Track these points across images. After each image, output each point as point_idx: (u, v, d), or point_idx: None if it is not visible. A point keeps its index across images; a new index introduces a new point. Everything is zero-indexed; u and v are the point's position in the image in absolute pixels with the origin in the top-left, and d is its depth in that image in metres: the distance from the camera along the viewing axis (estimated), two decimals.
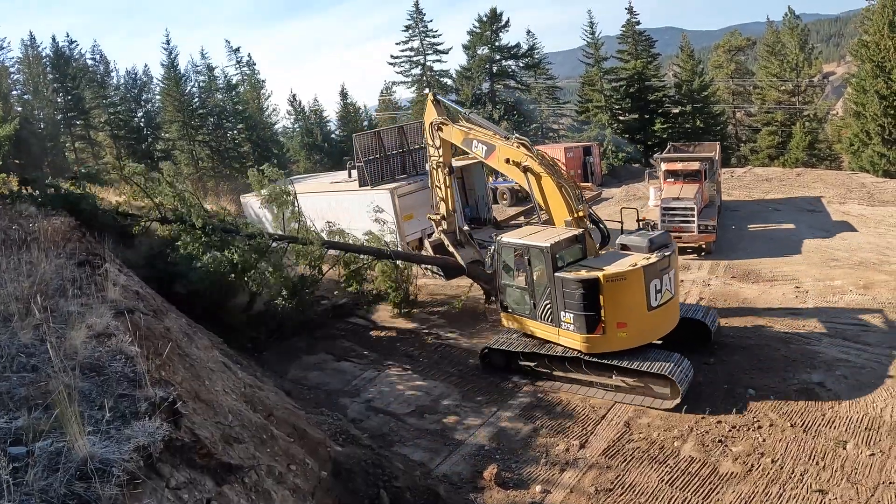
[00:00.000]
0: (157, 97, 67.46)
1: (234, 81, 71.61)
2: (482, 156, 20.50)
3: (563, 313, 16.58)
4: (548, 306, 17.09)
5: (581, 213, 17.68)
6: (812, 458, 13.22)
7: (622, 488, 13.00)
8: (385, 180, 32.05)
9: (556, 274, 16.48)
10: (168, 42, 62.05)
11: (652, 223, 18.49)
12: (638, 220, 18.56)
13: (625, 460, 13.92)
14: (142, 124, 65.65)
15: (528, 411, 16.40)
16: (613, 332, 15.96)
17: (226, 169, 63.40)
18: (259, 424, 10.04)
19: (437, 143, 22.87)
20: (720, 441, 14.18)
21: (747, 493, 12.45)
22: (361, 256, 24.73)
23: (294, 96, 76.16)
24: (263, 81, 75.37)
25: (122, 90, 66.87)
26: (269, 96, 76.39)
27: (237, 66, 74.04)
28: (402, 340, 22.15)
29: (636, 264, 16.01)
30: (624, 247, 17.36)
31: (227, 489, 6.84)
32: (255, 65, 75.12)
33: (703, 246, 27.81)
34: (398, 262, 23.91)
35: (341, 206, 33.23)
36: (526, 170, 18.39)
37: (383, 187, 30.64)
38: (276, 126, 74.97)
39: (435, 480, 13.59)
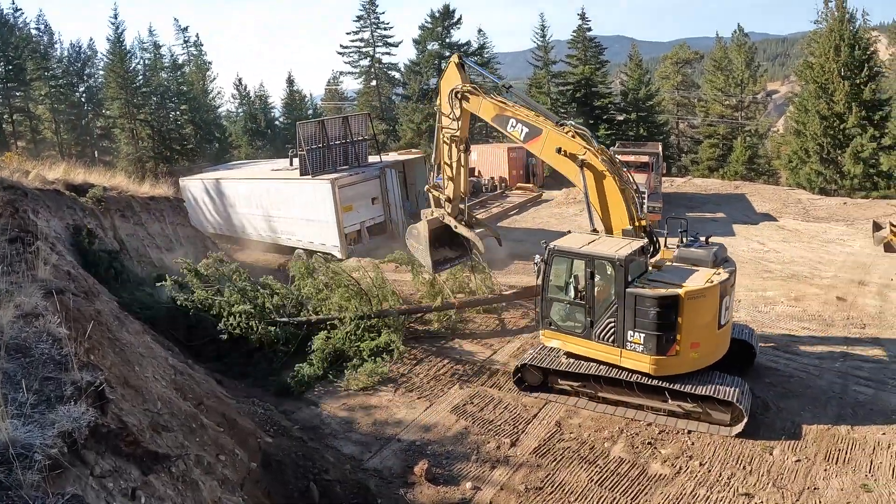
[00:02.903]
0: (101, 72, 65.88)
1: (180, 61, 70.55)
2: (520, 138, 17.97)
3: (630, 333, 14.82)
4: (611, 325, 15.20)
5: (644, 222, 15.96)
6: (739, 462, 13.51)
7: (552, 487, 13.11)
8: (326, 170, 31.89)
9: (627, 289, 14.67)
10: (116, 16, 60.69)
11: (696, 233, 16.47)
12: (682, 232, 16.72)
13: (555, 459, 14.04)
14: (83, 99, 64.09)
15: (460, 408, 16.42)
16: (686, 352, 14.52)
17: (166, 150, 62.29)
18: (189, 413, 9.89)
19: (458, 113, 19.51)
20: (650, 443, 14.40)
21: (675, 494, 12.67)
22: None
23: (240, 80, 75.42)
24: (210, 63, 74.53)
25: (65, 63, 65.12)
26: (214, 78, 75.58)
27: (184, 45, 73.04)
28: None
29: (713, 280, 14.55)
30: (681, 259, 15.80)
31: (153, 478, 6.71)
32: (202, 45, 74.21)
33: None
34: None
35: (280, 194, 33.06)
36: (583, 165, 16.20)
37: (324, 177, 30.51)
38: (220, 109, 74.14)
39: (365, 474, 13.55)
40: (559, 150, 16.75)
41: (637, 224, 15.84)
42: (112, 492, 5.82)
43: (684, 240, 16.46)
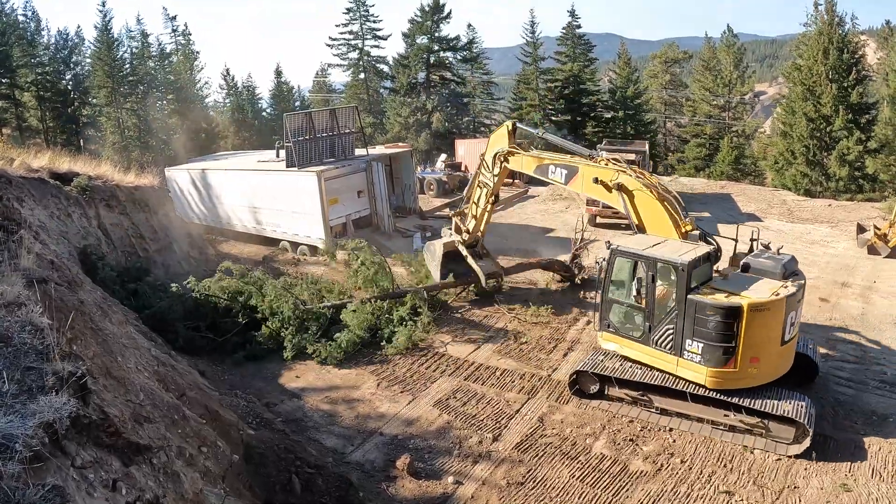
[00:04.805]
0: (88, 60, 65.22)
1: (167, 50, 70.11)
2: (561, 181, 18.82)
3: (689, 342, 14.35)
4: (669, 332, 14.79)
5: (689, 227, 15.72)
6: (720, 460, 13.62)
7: (533, 482, 13.18)
8: (313, 163, 31.84)
9: (689, 296, 14.24)
10: (104, 4, 60.11)
11: (767, 243, 15.92)
12: (753, 240, 16.17)
13: (537, 455, 14.11)
14: (69, 87, 63.43)
15: (443, 402, 16.47)
16: (745, 367, 13.93)
17: (152, 140, 61.88)
18: (171, 404, 9.86)
19: (496, 171, 21.17)
20: (631, 440, 14.49)
21: (656, 491, 12.75)
22: None
23: (227, 70, 75.00)
24: (198, 53, 74.08)
25: (52, 50, 64.40)
26: (202, 68, 75.14)
27: (172, 34, 72.58)
28: None
29: (779, 293, 13.88)
30: (746, 268, 15.00)
31: (134, 470, 6.70)
32: (190, 35, 73.75)
33: None
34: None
35: (266, 185, 32.98)
36: (620, 188, 16.69)
37: (310, 170, 30.47)
38: (207, 100, 73.73)
39: (348, 468, 13.57)
40: (596, 181, 17.44)
41: (683, 231, 15.67)
42: (93, 483, 5.80)
43: (755, 248, 16.04)
